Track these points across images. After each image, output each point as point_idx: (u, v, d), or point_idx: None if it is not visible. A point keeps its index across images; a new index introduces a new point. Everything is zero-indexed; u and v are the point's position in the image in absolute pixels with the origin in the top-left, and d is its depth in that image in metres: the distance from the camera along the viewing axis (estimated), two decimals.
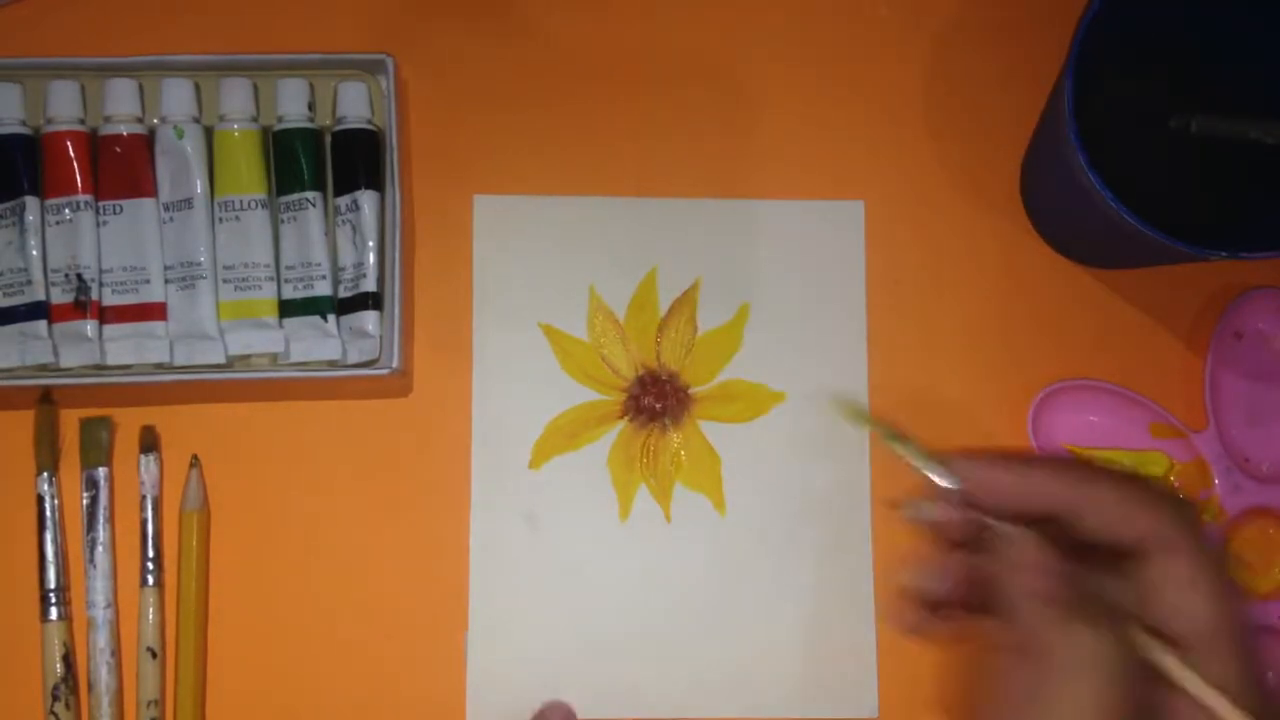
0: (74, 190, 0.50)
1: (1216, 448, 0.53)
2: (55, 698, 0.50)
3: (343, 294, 0.51)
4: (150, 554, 0.51)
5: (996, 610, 0.34)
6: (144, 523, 0.51)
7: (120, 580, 0.51)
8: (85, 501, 0.51)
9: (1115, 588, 0.34)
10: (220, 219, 0.51)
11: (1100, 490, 0.34)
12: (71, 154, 0.50)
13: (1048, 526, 0.34)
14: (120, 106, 0.51)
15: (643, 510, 0.53)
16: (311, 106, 0.52)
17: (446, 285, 0.54)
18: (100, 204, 0.50)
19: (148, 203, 0.51)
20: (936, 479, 0.34)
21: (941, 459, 0.34)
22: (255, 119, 0.51)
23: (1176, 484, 0.53)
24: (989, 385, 0.54)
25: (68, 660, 0.51)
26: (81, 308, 0.50)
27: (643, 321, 0.54)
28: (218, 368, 0.51)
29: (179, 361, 0.51)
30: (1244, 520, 0.53)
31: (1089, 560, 0.34)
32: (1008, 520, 0.34)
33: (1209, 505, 0.52)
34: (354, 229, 0.51)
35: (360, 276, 0.51)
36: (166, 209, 0.51)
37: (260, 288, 0.51)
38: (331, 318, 0.51)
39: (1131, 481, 0.34)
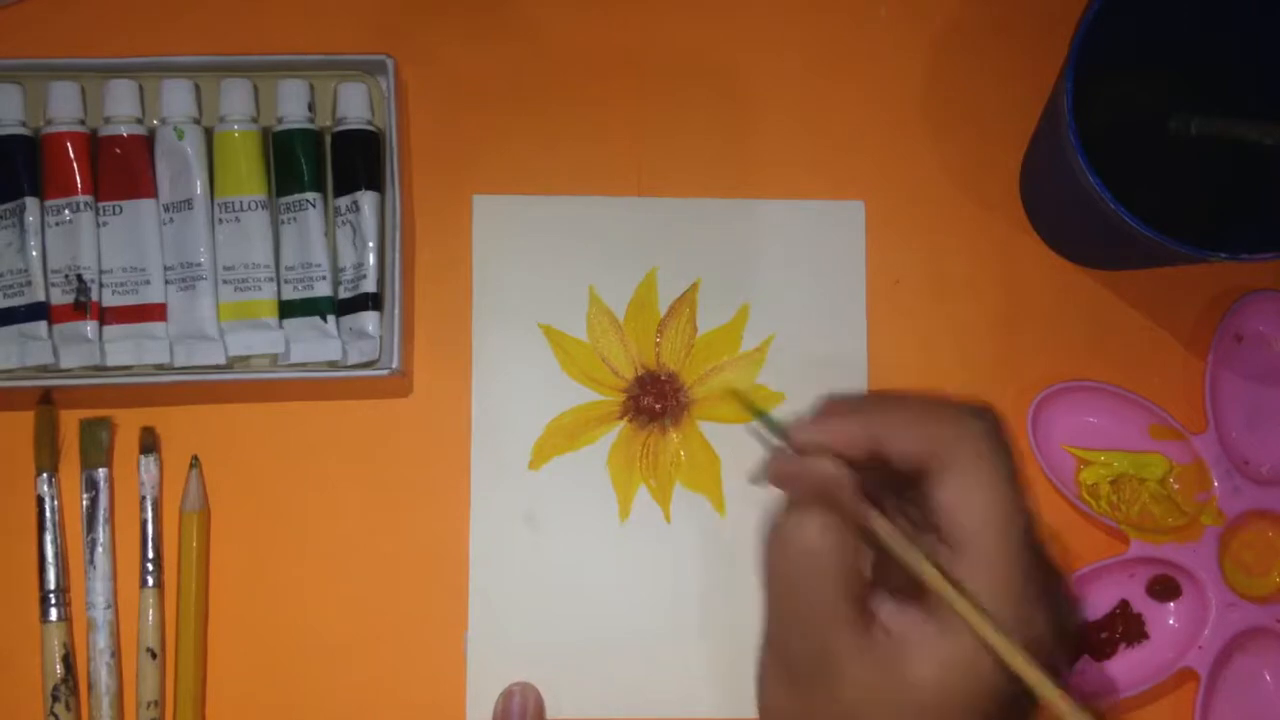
0: (74, 191, 0.50)
1: (1216, 450, 0.53)
2: (55, 699, 0.50)
3: (343, 295, 0.51)
4: (150, 555, 0.51)
5: None
6: (144, 523, 0.51)
7: (120, 581, 0.51)
8: (85, 502, 0.51)
9: (918, 511, 0.36)
10: (220, 220, 0.51)
11: (894, 416, 0.35)
12: (71, 155, 0.50)
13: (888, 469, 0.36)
14: (120, 107, 0.51)
15: (642, 510, 0.53)
16: (312, 107, 0.52)
17: (446, 285, 0.54)
18: (100, 205, 0.50)
19: (148, 204, 0.51)
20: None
21: (784, 429, 0.37)
22: (255, 120, 0.51)
23: (1175, 480, 0.53)
24: (989, 385, 0.54)
25: (68, 661, 0.51)
26: (81, 309, 0.50)
27: (642, 322, 0.54)
28: (218, 369, 0.51)
29: (179, 362, 0.51)
30: (1243, 523, 0.53)
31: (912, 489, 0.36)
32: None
33: (1208, 508, 0.52)
34: (354, 230, 0.51)
35: (360, 277, 0.51)
36: (166, 210, 0.51)
37: (260, 288, 0.51)
38: (331, 318, 0.51)
39: (924, 403, 0.35)
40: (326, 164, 0.52)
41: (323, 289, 0.51)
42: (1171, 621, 0.53)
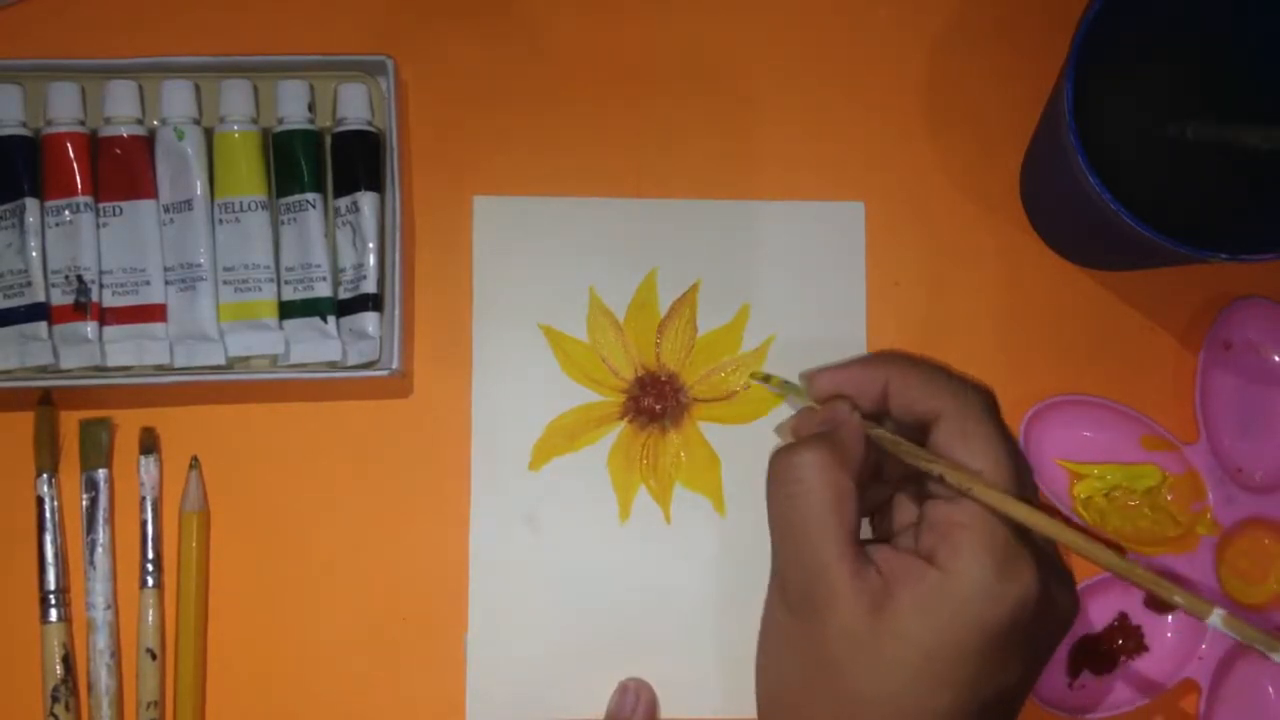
0: (74, 192, 0.50)
1: (1209, 459, 0.52)
2: (55, 699, 0.50)
3: (343, 295, 0.51)
4: (150, 555, 0.51)
5: None
6: (144, 524, 0.51)
7: (120, 582, 0.51)
8: (85, 503, 0.51)
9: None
10: (220, 220, 0.51)
11: (905, 372, 0.40)
12: (71, 155, 0.50)
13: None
14: (120, 108, 0.51)
15: (643, 511, 0.53)
16: (312, 108, 0.52)
17: (446, 286, 0.54)
18: (100, 205, 0.50)
19: (148, 204, 0.51)
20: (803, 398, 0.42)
21: (801, 385, 0.42)
22: (255, 120, 0.51)
23: (1169, 491, 0.53)
24: (989, 384, 0.54)
25: (67, 662, 0.51)
26: (81, 309, 0.50)
27: (642, 322, 0.54)
28: (218, 369, 0.51)
29: (179, 363, 0.51)
30: (1239, 531, 0.53)
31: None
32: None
33: (1203, 517, 0.52)
34: (354, 230, 0.51)
35: (360, 278, 0.51)
36: (166, 210, 0.51)
37: (260, 289, 0.51)
38: (331, 319, 0.51)
39: (932, 367, 0.40)
40: (326, 164, 0.52)
41: (323, 289, 0.51)
42: (1170, 633, 0.53)
